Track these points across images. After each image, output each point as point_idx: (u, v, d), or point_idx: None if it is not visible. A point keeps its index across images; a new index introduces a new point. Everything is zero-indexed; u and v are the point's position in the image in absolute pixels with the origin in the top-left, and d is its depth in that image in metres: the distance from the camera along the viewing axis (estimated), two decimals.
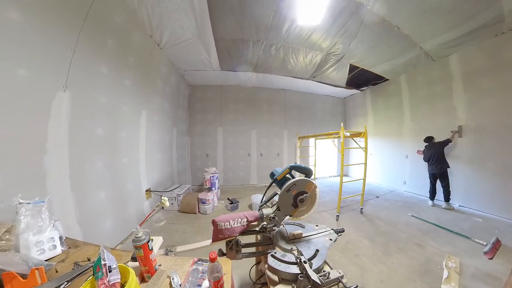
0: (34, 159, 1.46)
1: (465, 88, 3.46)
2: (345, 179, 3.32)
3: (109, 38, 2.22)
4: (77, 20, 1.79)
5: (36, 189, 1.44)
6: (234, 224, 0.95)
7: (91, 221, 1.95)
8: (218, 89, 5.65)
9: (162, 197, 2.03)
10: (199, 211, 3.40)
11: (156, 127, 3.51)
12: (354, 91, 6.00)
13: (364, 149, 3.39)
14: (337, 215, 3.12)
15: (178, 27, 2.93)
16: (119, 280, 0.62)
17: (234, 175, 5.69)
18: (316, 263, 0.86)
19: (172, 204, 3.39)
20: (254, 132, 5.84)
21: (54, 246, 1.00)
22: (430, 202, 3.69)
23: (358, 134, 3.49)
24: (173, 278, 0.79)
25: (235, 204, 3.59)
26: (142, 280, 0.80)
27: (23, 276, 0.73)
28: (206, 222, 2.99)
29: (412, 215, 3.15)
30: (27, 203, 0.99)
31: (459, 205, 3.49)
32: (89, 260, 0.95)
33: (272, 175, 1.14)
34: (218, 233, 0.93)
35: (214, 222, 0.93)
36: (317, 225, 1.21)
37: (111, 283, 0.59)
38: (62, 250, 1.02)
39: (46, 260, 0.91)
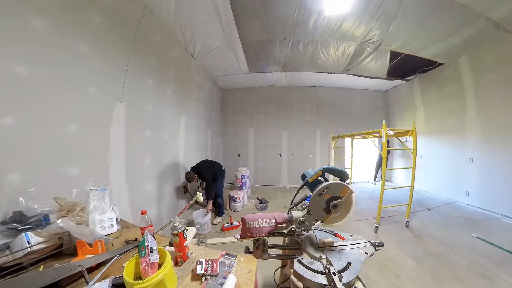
0: (100, 156, 1.86)
1: None
2: (387, 185, 2.90)
3: (152, 55, 2.61)
4: (127, 44, 2.17)
5: (101, 179, 1.81)
6: (262, 224, 0.95)
7: (139, 208, 2.28)
8: (248, 91, 5.82)
9: (197, 193, 2.25)
10: (229, 208, 3.60)
11: (193, 129, 3.89)
12: (397, 82, 5.22)
13: (412, 150, 2.85)
14: (376, 226, 2.76)
15: (208, 37, 3.19)
16: (157, 261, 0.70)
17: (264, 175, 5.75)
18: (346, 277, 0.78)
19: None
20: (285, 133, 5.76)
21: (112, 225, 1.24)
22: None
23: (405, 133, 3.00)
24: None
25: (264, 204, 3.64)
26: (176, 264, 0.88)
27: (90, 245, 0.95)
28: (235, 219, 3.11)
29: (477, 237, 2.49)
30: (95, 190, 1.26)
31: None
32: (136, 240, 1.12)
33: (303, 176, 1.10)
34: (246, 231, 0.95)
35: (243, 220, 0.95)
36: (351, 235, 1.11)
37: (151, 262, 0.68)
38: (117, 229, 1.25)
39: (105, 235, 1.15)
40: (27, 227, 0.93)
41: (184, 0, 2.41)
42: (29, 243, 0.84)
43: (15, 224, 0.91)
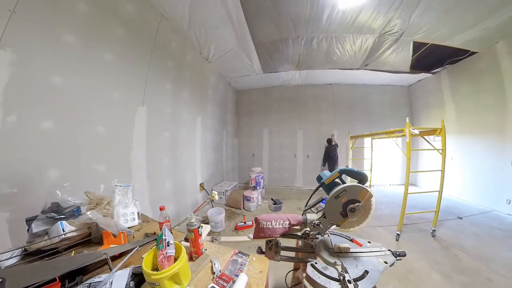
0: (124, 155, 2.02)
1: None
2: (411, 189, 2.61)
3: (170, 60, 2.75)
4: (147, 52, 2.33)
5: (125, 176, 1.97)
6: (275, 225, 0.94)
7: (158, 204, 2.41)
8: (262, 92, 5.84)
9: (213, 191, 2.32)
10: (243, 207, 3.63)
11: (208, 130, 4.02)
12: (423, 75, 4.80)
13: (441, 151, 2.57)
14: (398, 234, 2.54)
15: (221, 40, 3.28)
16: (173, 254, 0.73)
17: (279, 176, 5.70)
18: (363, 286, 0.75)
19: (220, 198, 3.77)
20: (300, 133, 5.66)
21: (134, 219, 1.33)
22: None
23: (432, 132, 2.70)
24: (214, 264, 0.86)
25: (278, 205, 3.60)
26: (190, 258, 0.90)
27: (114, 235, 1.03)
28: (249, 219, 3.12)
29: None
30: (119, 186, 1.36)
31: None
32: (154, 233, 1.18)
33: (319, 178, 1.06)
34: (259, 231, 0.95)
35: (256, 220, 0.95)
36: (369, 242, 1.06)
37: (168, 255, 0.71)
38: (138, 222, 1.34)
39: (128, 228, 1.23)
40: (62, 216, 1.04)
41: (197, 6, 2.51)
42: (63, 230, 0.94)
43: (52, 213, 1.03)
